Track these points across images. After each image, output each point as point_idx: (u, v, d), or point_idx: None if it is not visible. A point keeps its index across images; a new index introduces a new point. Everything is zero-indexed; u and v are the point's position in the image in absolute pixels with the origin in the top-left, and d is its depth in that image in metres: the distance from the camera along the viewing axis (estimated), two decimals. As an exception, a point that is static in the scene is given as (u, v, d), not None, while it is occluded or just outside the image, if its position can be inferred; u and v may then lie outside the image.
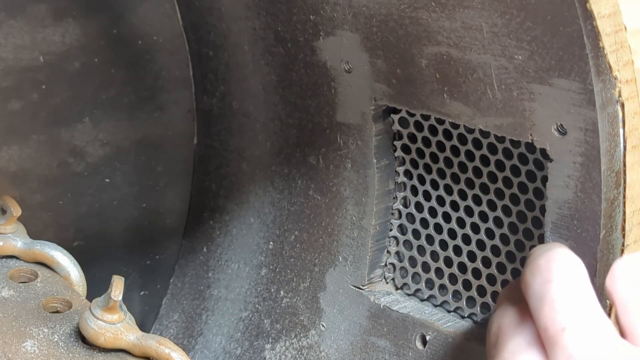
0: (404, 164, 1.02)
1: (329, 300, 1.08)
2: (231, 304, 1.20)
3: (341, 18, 0.97)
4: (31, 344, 0.86)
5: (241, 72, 1.15)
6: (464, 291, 0.99)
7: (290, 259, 1.13)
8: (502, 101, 0.86)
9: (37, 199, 1.14)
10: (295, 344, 1.11)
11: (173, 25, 1.19)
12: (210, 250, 1.25)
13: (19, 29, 1.08)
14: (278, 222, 1.15)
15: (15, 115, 1.10)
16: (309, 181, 1.10)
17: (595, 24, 0.76)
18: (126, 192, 1.21)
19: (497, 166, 0.94)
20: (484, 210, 0.96)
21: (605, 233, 0.82)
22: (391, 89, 0.97)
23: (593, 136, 0.80)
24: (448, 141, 0.97)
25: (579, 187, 0.83)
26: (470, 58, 0.87)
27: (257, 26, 1.09)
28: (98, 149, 1.17)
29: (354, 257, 1.05)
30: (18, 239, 1.02)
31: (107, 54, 1.15)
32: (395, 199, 1.04)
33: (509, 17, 0.81)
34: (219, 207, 1.23)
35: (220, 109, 1.20)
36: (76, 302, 0.94)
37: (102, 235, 1.20)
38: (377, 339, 1.03)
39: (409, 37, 0.91)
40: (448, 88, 0.91)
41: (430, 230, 1.01)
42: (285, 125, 1.12)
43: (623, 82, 0.78)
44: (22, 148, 1.11)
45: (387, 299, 1.03)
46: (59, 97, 1.13)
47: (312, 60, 1.04)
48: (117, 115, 1.18)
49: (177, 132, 1.23)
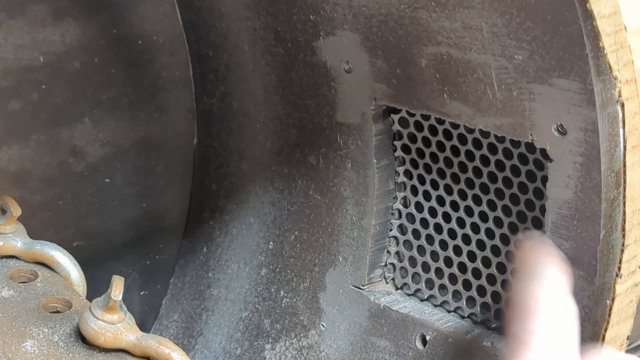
0: (404, 164, 1.02)
1: (329, 300, 1.08)
2: (231, 304, 1.20)
3: (341, 18, 0.97)
4: (31, 344, 0.86)
5: (241, 72, 1.15)
6: (464, 291, 0.99)
7: (290, 259, 1.13)
8: (502, 101, 0.86)
9: (37, 199, 1.13)
10: (295, 344, 1.11)
11: (173, 25, 1.19)
12: (210, 250, 1.25)
13: (19, 29, 1.08)
14: (278, 222, 1.15)
15: (15, 115, 1.09)
16: (309, 181, 1.10)
17: (595, 24, 0.76)
18: (126, 192, 1.21)
19: (497, 166, 0.94)
20: (484, 210, 0.96)
21: (605, 233, 0.82)
22: (391, 89, 0.97)
23: (593, 136, 0.80)
24: (448, 141, 0.97)
25: (579, 187, 0.83)
26: (470, 58, 0.87)
27: (257, 26, 1.09)
28: (98, 149, 1.17)
29: (354, 257, 1.05)
30: (18, 239, 1.02)
31: (107, 54, 1.15)
32: (395, 199, 1.04)
33: (509, 17, 0.81)
34: (219, 207, 1.23)
35: (220, 109, 1.20)
36: (76, 302, 0.94)
37: (102, 235, 1.20)
38: (377, 339, 1.03)
39: (409, 37, 0.91)
40: (448, 88, 0.91)
41: (430, 230, 1.01)
42: (285, 125, 1.12)
43: (623, 82, 0.78)
44: (22, 148, 1.11)
45: (387, 299, 1.03)
46: (59, 97, 1.13)
47: (312, 60, 1.04)
48: (117, 115, 1.18)
49: (177, 132, 1.23)
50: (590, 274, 0.83)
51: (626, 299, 0.84)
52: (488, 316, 0.97)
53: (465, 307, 0.99)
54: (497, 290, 0.96)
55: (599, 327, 0.84)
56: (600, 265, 0.82)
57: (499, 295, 0.96)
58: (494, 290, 0.96)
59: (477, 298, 0.98)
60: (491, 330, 0.96)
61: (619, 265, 0.83)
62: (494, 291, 0.96)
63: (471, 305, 0.98)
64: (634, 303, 0.86)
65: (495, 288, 0.96)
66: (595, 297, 0.84)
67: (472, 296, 0.98)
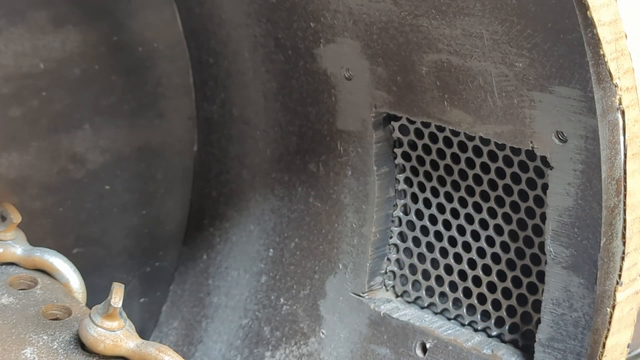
0: (404, 171, 1.02)
1: (329, 308, 1.08)
2: (231, 312, 1.20)
3: (341, 25, 0.97)
4: (31, 351, 0.86)
5: (241, 79, 1.15)
6: (464, 299, 0.99)
7: (290, 266, 1.13)
8: (502, 108, 0.86)
9: (37, 206, 1.13)
10: (295, 351, 1.11)
11: (173, 32, 1.20)
12: (210, 257, 1.25)
13: (19, 36, 1.08)
14: (278, 229, 1.15)
15: (16, 122, 1.10)
16: (309, 188, 1.10)
17: (595, 31, 0.76)
18: (126, 199, 1.21)
19: (497, 174, 0.94)
20: (485, 217, 0.96)
21: (605, 241, 0.82)
22: (391, 96, 0.97)
23: (593, 144, 0.80)
24: (448, 149, 0.97)
25: (580, 194, 0.83)
26: (470, 65, 0.87)
27: (257, 33, 1.09)
28: (98, 156, 1.17)
29: (354, 265, 1.05)
30: (18, 246, 1.02)
31: (108, 61, 1.15)
32: (396, 207, 1.04)
33: (509, 24, 0.81)
34: (219, 214, 1.23)
35: (221, 116, 1.20)
36: (76, 309, 0.94)
37: (102, 242, 1.20)
38: (377, 347, 1.03)
39: (410, 44, 0.91)
40: (448, 95, 0.91)
41: (431, 237, 1.01)
42: (286, 133, 1.12)
43: (623, 90, 0.78)
44: (22, 155, 1.11)
45: (387, 307, 1.03)
46: (59, 103, 1.13)
47: (312, 67, 1.04)
48: (118, 122, 1.18)
49: (177, 139, 1.23)
50: (590, 282, 0.83)
51: (627, 306, 0.84)
52: (488, 324, 0.97)
53: (466, 314, 0.99)
54: (497, 298, 0.96)
55: (600, 335, 0.84)
56: (600, 272, 0.82)
57: (499, 303, 0.96)
58: (494, 298, 0.96)
59: (478, 306, 0.98)
60: (491, 338, 0.96)
61: (619, 273, 0.83)
62: (495, 299, 0.96)
63: (471, 312, 0.98)
64: (634, 311, 0.86)
65: (496, 296, 0.96)
66: (595, 305, 0.83)
67: (473, 304, 0.98)
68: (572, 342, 0.86)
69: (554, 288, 0.87)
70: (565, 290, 0.86)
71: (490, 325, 0.97)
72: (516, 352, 0.93)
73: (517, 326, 0.94)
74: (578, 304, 0.85)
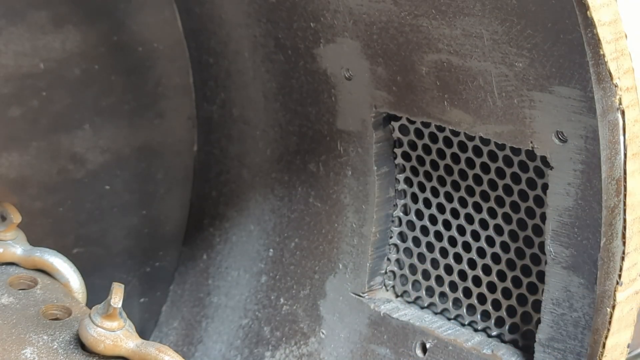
0: (404, 171, 1.02)
1: (329, 308, 1.08)
2: (231, 312, 1.20)
3: (341, 25, 0.97)
4: (31, 351, 0.85)
5: (241, 79, 1.15)
6: (464, 299, 0.99)
7: (290, 266, 1.13)
8: (502, 109, 0.86)
9: (37, 206, 1.13)
10: (295, 351, 1.11)
11: (173, 32, 1.20)
12: (210, 257, 1.25)
13: (19, 36, 1.08)
14: (278, 229, 1.15)
15: (16, 122, 1.09)
16: (309, 188, 1.10)
17: (595, 31, 0.76)
18: (126, 199, 1.21)
19: (497, 174, 0.94)
20: (485, 217, 0.96)
21: (605, 241, 0.82)
22: (391, 96, 0.97)
23: (593, 144, 0.80)
24: (448, 149, 0.97)
25: (580, 194, 0.83)
26: (470, 65, 0.87)
27: (257, 33, 1.09)
28: (98, 156, 1.17)
29: (354, 265, 1.05)
30: (18, 246, 1.02)
31: (108, 61, 1.15)
32: (396, 207, 1.04)
33: (509, 24, 0.81)
34: (219, 214, 1.23)
35: (221, 116, 1.20)
36: (76, 309, 0.94)
37: (102, 242, 1.20)
38: (377, 347, 1.03)
39: (410, 44, 0.91)
40: (448, 95, 0.91)
41: (431, 237, 1.01)
42: (286, 133, 1.12)
43: (623, 90, 0.78)
44: (22, 155, 1.11)
45: (387, 307, 1.03)
46: (59, 103, 1.13)
47: (312, 67, 1.04)
48: (117, 122, 1.18)
49: (177, 139, 1.23)
50: (590, 282, 0.83)
51: (627, 306, 0.84)
52: (488, 324, 0.97)
53: (466, 314, 0.99)
54: (498, 298, 0.96)
55: (600, 335, 0.84)
56: (600, 273, 0.82)
57: (499, 303, 0.96)
58: (494, 298, 0.96)
59: (478, 306, 0.98)
60: (491, 338, 0.96)
61: (619, 273, 0.83)
62: (494, 299, 0.96)
63: (471, 312, 0.98)
64: (634, 311, 0.86)
65: (496, 296, 0.96)
66: (595, 305, 0.83)
67: (473, 304, 0.98)
68: (572, 342, 0.86)
69: (554, 288, 0.87)
70: (565, 290, 0.86)
71: (490, 325, 0.97)
72: (516, 352, 0.93)
73: (517, 326, 0.94)
74: (578, 304, 0.85)
